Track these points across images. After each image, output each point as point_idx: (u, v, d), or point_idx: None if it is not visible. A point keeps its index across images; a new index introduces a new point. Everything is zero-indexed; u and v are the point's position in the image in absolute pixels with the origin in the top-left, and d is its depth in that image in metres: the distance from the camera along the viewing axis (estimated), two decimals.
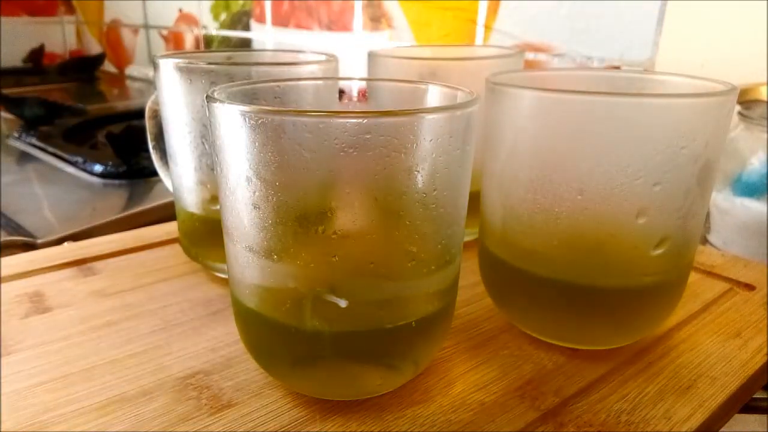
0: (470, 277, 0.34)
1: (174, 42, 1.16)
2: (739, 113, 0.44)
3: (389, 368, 0.24)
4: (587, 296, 0.26)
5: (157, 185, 0.60)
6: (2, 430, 0.23)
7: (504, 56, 0.39)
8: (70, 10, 1.44)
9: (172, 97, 0.31)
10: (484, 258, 0.30)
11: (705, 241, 0.46)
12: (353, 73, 0.73)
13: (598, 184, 0.24)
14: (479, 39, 0.66)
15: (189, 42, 1.12)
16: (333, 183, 0.20)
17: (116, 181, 0.62)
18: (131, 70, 1.32)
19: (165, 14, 1.16)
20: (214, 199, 0.33)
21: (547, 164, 0.25)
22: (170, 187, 0.37)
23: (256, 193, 0.20)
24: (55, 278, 0.35)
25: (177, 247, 0.38)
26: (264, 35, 0.96)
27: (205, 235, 0.34)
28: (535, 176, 0.25)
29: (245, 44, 1.00)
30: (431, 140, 0.20)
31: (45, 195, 0.59)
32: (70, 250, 0.39)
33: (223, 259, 0.24)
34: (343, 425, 0.23)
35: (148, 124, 0.38)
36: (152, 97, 0.37)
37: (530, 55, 0.61)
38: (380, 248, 0.21)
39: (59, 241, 0.44)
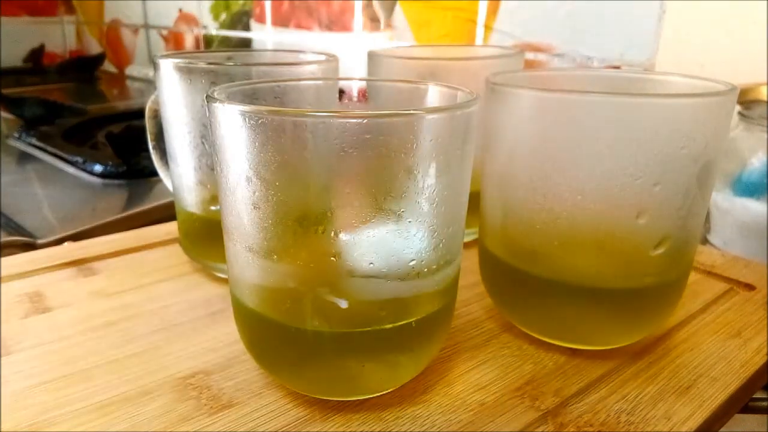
0: (470, 277, 0.34)
1: (174, 42, 1.16)
2: (739, 113, 0.44)
3: (389, 368, 0.24)
4: (587, 296, 0.26)
5: (157, 185, 0.60)
6: (2, 430, 0.23)
7: (504, 56, 0.39)
8: (70, 10, 1.44)
9: (172, 97, 0.31)
10: (484, 258, 0.30)
11: (705, 241, 0.46)
12: (353, 73, 0.73)
13: (598, 184, 0.24)
14: (479, 39, 0.66)
15: (189, 42, 1.12)
16: (333, 183, 0.20)
17: (116, 181, 0.62)
18: (131, 70, 1.32)
19: (165, 14, 1.16)
20: (214, 199, 0.33)
21: (547, 164, 0.25)
22: (170, 187, 0.37)
23: (256, 193, 0.20)
24: (55, 278, 0.35)
25: (177, 247, 0.38)
26: (264, 35, 0.96)
27: (205, 235, 0.34)
28: (535, 176, 0.25)
29: (245, 44, 1.00)
30: (431, 140, 0.20)
31: (45, 195, 0.59)
32: (70, 250, 0.39)
33: (223, 259, 0.24)
34: (343, 425, 0.23)
35: (148, 124, 0.38)
36: (152, 97, 0.37)
37: (530, 55, 0.61)
38: (380, 248, 0.21)
39: (59, 241, 0.44)
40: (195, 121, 0.31)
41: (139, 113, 0.40)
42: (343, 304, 0.21)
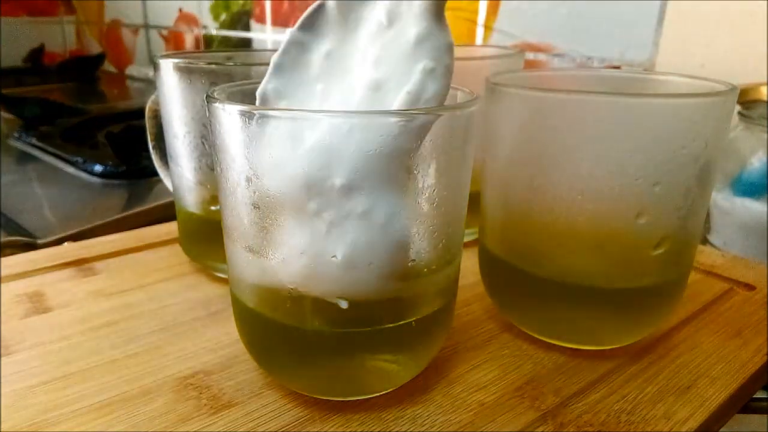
0: (470, 277, 0.34)
1: (174, 42, 1.16)
2: (739, 113, 0.44)
3: (389, 368, 0.24)
4: (587, 296, 0.26)
5: (157, 185, 0.60)
6: (2, 430, 0.23)
7: (504, 56, 0.39)
8: (70, 10, 1.44)
9: (172, 97, 0.31)
10: (484, 258, 0.30)
11: (705, 241, 0.46)
12: None
13: (598, 184, 0.24)
14: (479, 39, 0.66)
15: (189, 42, 1.12)
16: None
17: (116, 181, 0.62)
18: (131, 70, 1.32)
19: (165, 14, 1.16)
20: (214, 199, 0.33)
21: (547, 164, 0.25)
22: (170, 187, 0.37)
23: (256, 193, 0.20)
24: (55, 278, 0.35)
25: (177, 247, 0.38)
26: (264, 35, 0.96)
27: (205, 235, 0.34)
28: (535, 176, 0.25)
29: (245, 44, 1.00)
30: (431, 140, 0.20)
31: (45, 195, 0.59)
32: (70, 250, 0.39)
33: (223, 259, 0.24)
34: (343, 425, 0.23)
35: (148, 124, 0.38)
36: (152, 97, 0.37)
37: (530, 55, 0.61)
38: (380, 248, 0.21)
39: (59, 241, 0.44)
40: (195, 121, 0.31)
41: (139, 113, 0.40)
42: (344, 304, 0.21)
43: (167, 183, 0.38)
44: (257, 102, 0.22)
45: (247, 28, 0.99)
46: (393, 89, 0.21)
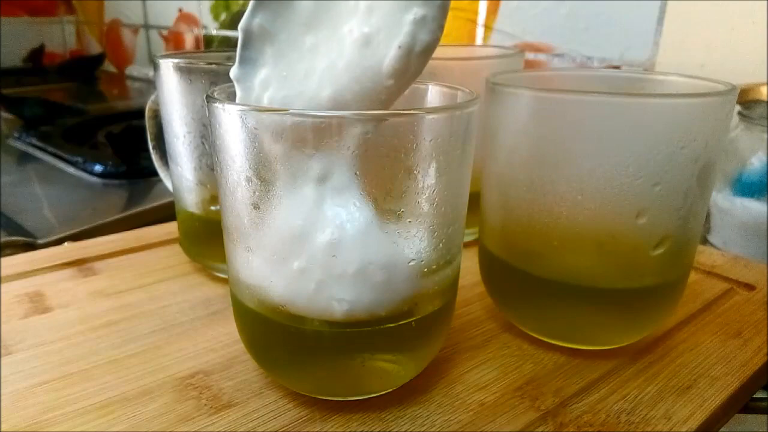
0: (470, 277, 0.34)
1: (174, 42, 1.16)
2: (739, 113, 0.44)
3: (389, 368, 0.24)
4: (587, 296, 0.26)
5: (157, 185, 0.60)
6: (2, 430, 0.23)
7: (504, 56, 0.39)
8: (70, 10, 1.44)
9: (172, 97, 0.31)
10: (484, 258, 0.30)
11: (705, 241, 0.46)
12: None
13: (598, 184, 0.24)
14: (479, 39, 0.66)
15: (189, 42, 1.12)
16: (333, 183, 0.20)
17: (116, 181, 0.62)
18: (131, 70, 1.32)
19: (165, 14, 1.16)
20: (214, 199, 0.33)
21: (547, 164, 0.25)
22: (170, 187, 0.37)
23: (256, 193, 0.20)
24: (55, 278, 0.35)
25: (177, 247, 0.38)
26: None
27: (205, 235, 0.34)
28: (535, 176, 0.25)
29: None
30: (431, 140, 0.20)
31: (45, 195, 0.59)
32: (70, 250, 0.39)
33: (223, 259, 0.24)
34: (343, 425, 0.23)
35: (148, 124, 0.38)
36: (152, 97, 0.37)
37: (530, 55, 0.61)
38: (380, 248, 0.21)
39: (59, 241, 0.44)
40: (195, 121, 0.31)
41: (139, 113, 0.40)
42: (344, 304, 0.21)
43: (167, 183, 0.38)
44: (240, 37, 0.21)
45: None
46: (383, 42, 0.20)
